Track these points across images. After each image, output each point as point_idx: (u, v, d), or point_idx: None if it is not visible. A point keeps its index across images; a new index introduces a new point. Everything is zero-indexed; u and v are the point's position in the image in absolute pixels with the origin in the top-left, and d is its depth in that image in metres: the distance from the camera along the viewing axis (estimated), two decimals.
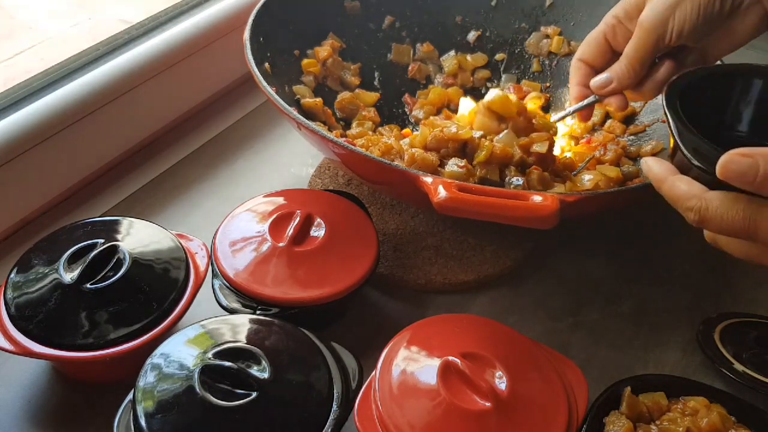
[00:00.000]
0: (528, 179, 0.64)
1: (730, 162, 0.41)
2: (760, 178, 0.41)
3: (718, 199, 0.44)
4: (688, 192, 0.45)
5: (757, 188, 0.41)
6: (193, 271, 0.56)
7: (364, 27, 0.82)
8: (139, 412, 0.44)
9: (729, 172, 0.41)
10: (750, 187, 0.41)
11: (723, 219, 0.44)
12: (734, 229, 0.44)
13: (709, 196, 0.44)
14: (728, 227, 0.44)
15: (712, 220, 0.44)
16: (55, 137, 0.68)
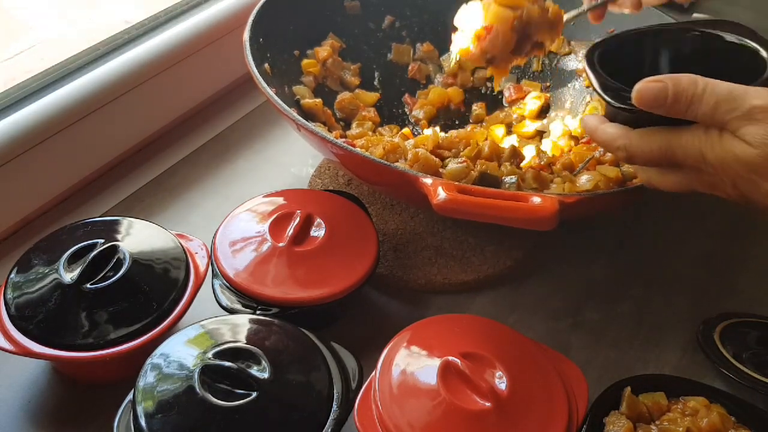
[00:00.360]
0: (523, 177, 0.64)
1: (644, 89, 0.47)
2: (671, 99, 0.46)
3: (638, 134, 0.49)
4: (615, 133, 0.50)
5: (669, 109, 0.46)
6: (193, 271, 0.56)
7: (364, 27, 0.82)
8: (139, 412, 0.44)
9: (643, 98, 0.47)
10: (663, 110, 0.46)
11: (644, 150, 0.49)
12: (655, 157, 0.48)
13: (632, 134, 0.49)
14: (650, 157, 0.49)
15: (636, 154, 0.49)
16: (55, 137, 0.68)
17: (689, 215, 0.73)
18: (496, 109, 0.81)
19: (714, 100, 0.45)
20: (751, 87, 0.45)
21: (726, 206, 0.74)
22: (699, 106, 0.45)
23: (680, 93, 0.46)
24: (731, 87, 0.45)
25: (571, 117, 0.78)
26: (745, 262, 0.68)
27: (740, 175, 0.45)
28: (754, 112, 0.44)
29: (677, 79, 0.46)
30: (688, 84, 0.46)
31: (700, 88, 0.45)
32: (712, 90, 0.45)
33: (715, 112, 0.45)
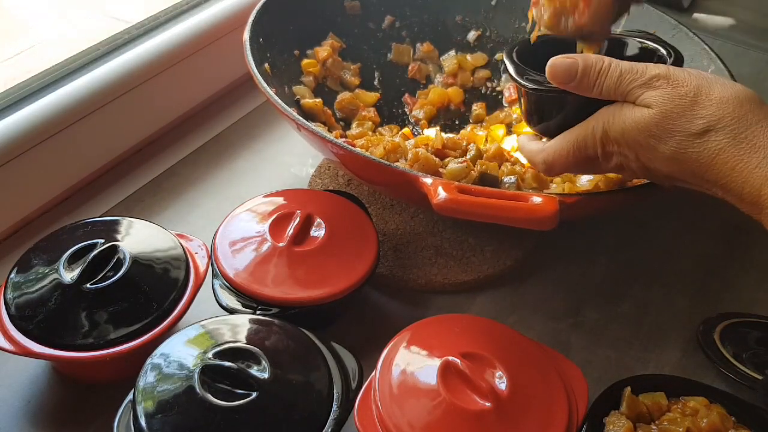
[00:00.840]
0: (522, 177, 0.64)
1: (556, 63, 0.51)
2: (580, 72, 0.50)
3: (553, 142, 0.53)
4: (535, 148, 0.55)
5: (579, 83, 0.50)
6: (193, 271, 0.56)
7: (364, 27, 0.82)
8: (139, 412, 0.44)
9: (556, 71, 0.51)
10: (574, 84, 0.50)
11: (561, 155, 0.52)
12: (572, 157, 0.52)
13: (547, 144, 0.53)
14: (567, 159, 0.52)
15: (555, 162, 0.53)
16: (55, 137, 0.68)
17: (689, 215, 0.73)
18: (496, 109, 0.81)
19: (618, 72, 0.49)
20: (651, 63, 0.49)
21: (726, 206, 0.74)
22: (605, 79, 0.49)
23: (588, 67, 0.50)
24: (633, 63, 0.49)
25: None
26: (745, 262, 0.68)
27: (640, 144, 0.49)
28: (654, 80, 0.48)
29: (586, 56, 0.51)
30: (595, 59, 0.50)
31: (606, 63, 0.50)
32: (617, 64, 0.50)
33: (618, 84, 0.49)
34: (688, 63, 0.74)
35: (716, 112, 0.46)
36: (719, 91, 0.47)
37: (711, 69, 0.71)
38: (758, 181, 0.45)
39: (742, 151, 0.45)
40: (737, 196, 0.46)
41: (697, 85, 0.47)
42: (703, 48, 0.73)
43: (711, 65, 0.71)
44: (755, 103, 0.47)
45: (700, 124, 0.46)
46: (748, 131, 0.45)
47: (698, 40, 0.74)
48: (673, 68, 0.49)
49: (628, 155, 0.50)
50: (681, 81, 0.48)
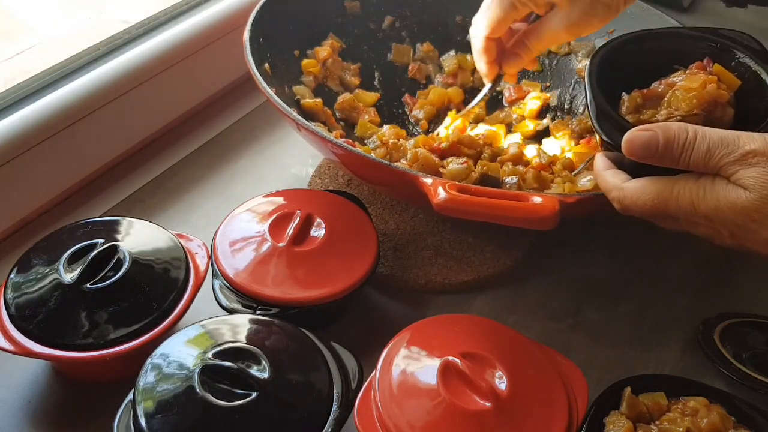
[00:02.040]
0: (523, 177, 0.64)
1: (632, 139, 0.47)
2: (661, 148, 0.45)
3: (632, 187, 0.48)
4: (612, 183, 0.50)
5: (661, 158, 0.46)
6: (193, 271, 0.56)
7: (364, 27, 0.82)
8: (139, 412, 0.44)
9: (633, 148, 0.47)
10: (655, 159, 0.46)
11: (637, 204, 0.48)
12: (648, 211, 0.48)
13: (626, 185, 0.49)
14: (644, 211, 0.48)
15: (630, 207, 0.49)
16: (55, 137, 0.68)
17: None
18: (496, 109, 0.81)
19: (706, 146, 0.44)
20: (744, 133, 0.44)
21: None
22: (691, 153, 0.45)
23: (670, 141, 0.45)
24: (723, 133, 0.44)
25: (571, 117, 0.78)
26: (745, 262, 0.68)
27: (736, 224, 0.44)
28: (749, 156, 0.43)
29: (666, 127, 0.45)
30: (678, 131, 0.45)
31: (691, 135, 0.45)
32: (704, 135, 0.44)
33: (708, 158, 0.44)
34: None
35: None
36: None
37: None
38: None
39: None
40: None
41: None
42: None
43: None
44: None
45: None
46: None
47: None
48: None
49: (721, 231, 0.46)
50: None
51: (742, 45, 0.53)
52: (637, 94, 0.52)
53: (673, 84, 0.51)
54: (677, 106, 0.50)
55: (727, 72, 0.51)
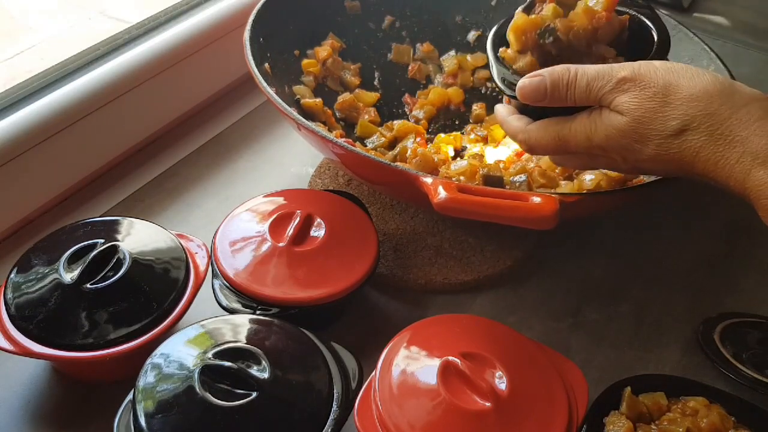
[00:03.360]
0: (530, 176, 0.64)
1: (523, 86, 0.51)
2: (549, 90, 0.50)
3: (535, 129, 0.53)
4: (517, 127, 0.54)
5: (551, 99, 0.50)
6: (193, 271, 0.56)
7: (364, 27, 0.82)
8: (139, 412, 0.44)
9: (525, 93, 0.51)
10: (547, 101, 0.51)
11: (541, 143, 0.53)
12: (552, 148, 0.53)
13: (529, 128, 0.53)
14: (547, 149, 0.53)
15: (535, 147, 0.53)
16: (55, 137, 0.68)
17: (689, 215, 0.73)
18: None
19: (585, 81, 0.49)
20: (617, 63, 0.49)
21: (727, 205, 0.74)
22: (574, 90, 0.49)
23: (555, 82, 0.50)
24: (600, 67, 0.49)
25: None
26: (746, 262, 0.68)
27: (624, 147, 0.49)
28: (621, 83, 0.48)
29: (551, 70, 0.50)
30: (561, 72, 0.50)
31: (572, 74, 0.49)
32: (583, 72, 0.49)
33: (588, 92, 0.49)
34: (688, 63, 0.74)
35: (688, 111, 0.46)
36: (687, 88, 0.46)
37: (711, 68, 0.71)
38: (740, 175, 0.45)
39: (720, 147, 0.45)
40: (726, 189, 0.47)
41: (664, 83, 0.47)
42: (703, 48, 0.73)
43: (711, 65, 0.71)
44: (726, 95, 0.46)
45: (673, 126, 0.46)
46: (723, 127, 0.45)
47: (698, 40, 0.74)
48: (639, 65, 0.48)
49: (615, 159, 0.50)
50: (648, 81, 0.47)
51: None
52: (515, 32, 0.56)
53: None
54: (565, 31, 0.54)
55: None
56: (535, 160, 0.69)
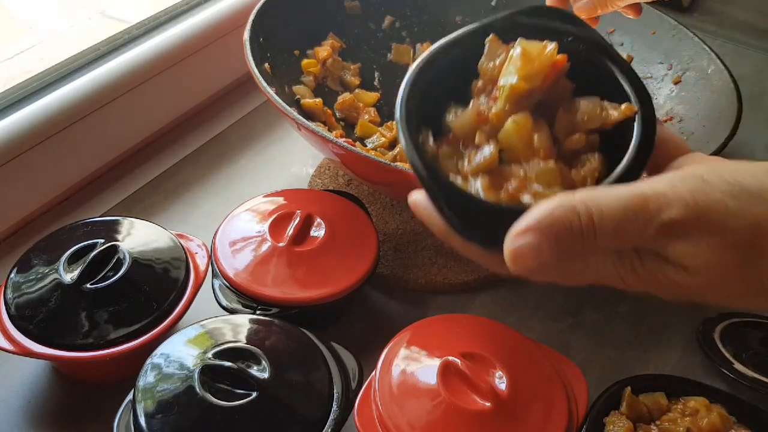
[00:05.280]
0: None
1: (518, 254, 0.33)
2: (554, 250, 0.33)
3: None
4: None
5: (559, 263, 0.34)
6: (193, 271, 0.56)
7: (364, 27, 0.82)
8: (139, 412, 0.44)
9: (523, 264, 0.33)
10: (552, 269, 0.35)
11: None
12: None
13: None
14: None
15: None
16: (55, 137, 0.68)
17: None
18: None
19: (611, 228, 0.32)
20: (652, 191, 0.32)
21: None
22: (595, 241, 0.33)
23: (563, 237, 0.33)
24: (625, 201, 0.32)
25: None
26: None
27: (681, 293, 0.35)
28: (672, 228, 0.32)
29: (550, 219, 0.33)
30: (564, 218, 0.33)
31: (584, 219, 0.32)
32: (600, 214, 0.32)
33: (619, 239, 0.33)
34: (688, 63, 0.74)
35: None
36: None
37: (711, 69, 0.71)
38: None
39: None
40: None
41: (747, 226, 0.32)
42: (703, 48, 0.73)
43: (711, 65, 0.71)
44: None
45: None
46: None
47: (698, 40, 0.74)
48: (693, 194, 0.32)
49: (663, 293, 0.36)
50: (719, 224, 0.32)
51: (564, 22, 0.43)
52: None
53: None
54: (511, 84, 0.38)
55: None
56: None
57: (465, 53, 0.41)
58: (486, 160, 0.38)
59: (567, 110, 0.39)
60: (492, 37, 0.40)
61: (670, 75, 0.76)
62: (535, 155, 0.38)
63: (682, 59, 0.75)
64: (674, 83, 0.75)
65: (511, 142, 0.38)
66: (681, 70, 0.75)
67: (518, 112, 0.38)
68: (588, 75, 0.40)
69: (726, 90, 0.68)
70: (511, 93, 0.38)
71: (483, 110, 0.40)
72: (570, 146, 0.39)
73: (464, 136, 0.40)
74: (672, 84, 0.75)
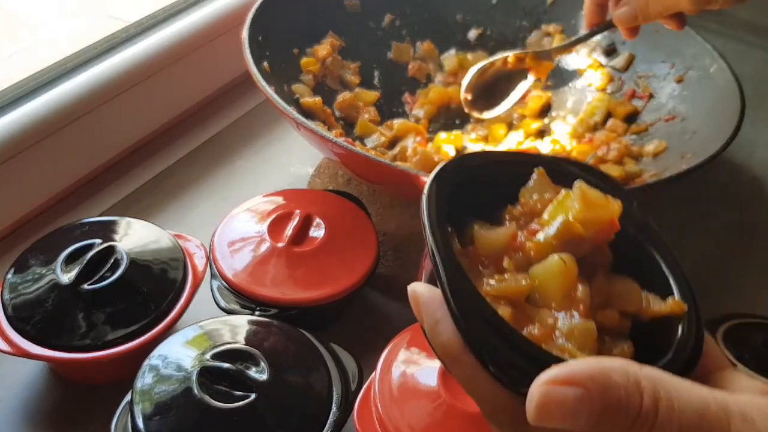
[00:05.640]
0: None
1: (547, 399, 0.27)
2: (597, 415, 0.27)
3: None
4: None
5: (593, 427, 0.27)
6: (191, 271, 0.56)
7: (364, 25, 0.82)
8: (136, 414, 0.44)
9: (549, 412, 0.27)
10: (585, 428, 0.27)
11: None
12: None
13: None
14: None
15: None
16: (52, 136, 0.67)
17: (691, 215, 0.73)
18: None
19: (677, 427, 0.27)
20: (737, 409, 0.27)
21: (729, 206, 0.73)
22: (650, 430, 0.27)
23: (611, 408, 0.27)
24: (703, 404, 0.27)
25: (572, 116, 0.78)
26: (748, 263, 0.68)
27: None
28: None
29: (604, 381, 0.27)
30: (623, 388, 0.27)
31: (648, 402, 0.27)
32: (671, 406, 0.27)
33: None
34: (690, 62, 0.74)
35: None
36: None
37: (714, 68, 0.71)
38: None
39: None
40: None
41: None
42: (706, 47, 0.72)
43: (714, 64, 0.71)
44: None
45: None
46: None
47: (701, 39, 0.73)
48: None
49: None
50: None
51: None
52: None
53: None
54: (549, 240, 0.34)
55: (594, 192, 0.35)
56: None
57: (505, 175, 0.38)
58: (515, 286, 0.33)
59: (605, 281, 0.35)
60: (541, 170, 0.37)
61: (672, 74, 0.75)
62: (573, 307, 0.33)
63: (684, 58, 0.74)
64: (677, 82, 0.74)
65: (551, 283, 0.33)
66: (684, 68, 0.74)
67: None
68: (633, 256, 0.36)
69: (729, 89, 0.68)
70: (563, 229, 0.34)
71: (520, 236, 0.35)
72: (601, 319, 0.34)
73: (488, 256, 0.35)
74: (675, 83, 0.75)
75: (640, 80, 0.78)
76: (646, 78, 0.77)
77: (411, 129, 0.74)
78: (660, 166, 0.68)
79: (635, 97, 0.77)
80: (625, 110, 0.76)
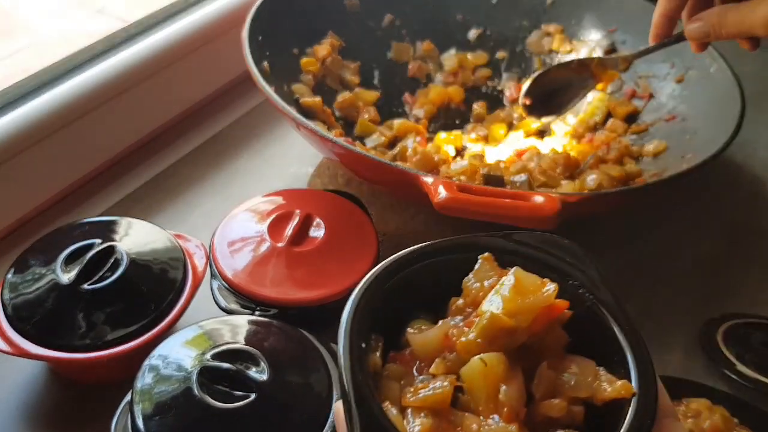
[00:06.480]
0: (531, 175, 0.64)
1: None
2: None
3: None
4: None
5: None
6: (191, 271, 0.56)
7: (364, 25, 0.82)
8: (136, 414, 0.44)
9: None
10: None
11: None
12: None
13: None
14: None
15: None
16: (52, 136, 0.67)
17: (691, 215, 0.73)
18: (497, 108, 0.80)
19: None
20: None
21: (730, 206, 0.73)
22: None
23: None
24: None
25: (572, 116, 0.78)
26: (748, 262, 0.68)
27: None
28: None
29: None
30: None
31: None
32: None
33: None
34: (690, 62, 0.74)
35: None
36: None
37: (714, 68, 0.71)
38: None
39: None
40: None
41: None
42: None
43: (714, 64, 0.71)
44: None
45: None
46: None
47: None
48: None
49: None
50: None
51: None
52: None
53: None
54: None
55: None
56: (536, 160, 0.69)
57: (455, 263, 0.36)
58: (435, 395, 0.31)
59: (553, 366, 0.33)
60: (487, 255, 0.36)
61: (672, 74, 0.75)
62: (496, 411, 0.31)
63: (684, 58, 0.74)
64: (677, 82, 0.74)
65: (473, 385, 0.31)
66: (684, 68, 0.74)
67: (492, 350, 0.32)
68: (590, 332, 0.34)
69: (729, 89, 0.68)
70: (489, 325, 0.32)
71: (453, 334, 0.33)
72: (545, 411, 0.32)
73: (424, 358, 0.34)
74: (675, 83, 0.75)
75: (640, 80, 0.78)
76: (646, 78, 0.77)
77: (411, 129, 0.74)
78: (660, 166, 0.68)
79: (635, 97, 0.77)
80: (626, 110, 0.76)
